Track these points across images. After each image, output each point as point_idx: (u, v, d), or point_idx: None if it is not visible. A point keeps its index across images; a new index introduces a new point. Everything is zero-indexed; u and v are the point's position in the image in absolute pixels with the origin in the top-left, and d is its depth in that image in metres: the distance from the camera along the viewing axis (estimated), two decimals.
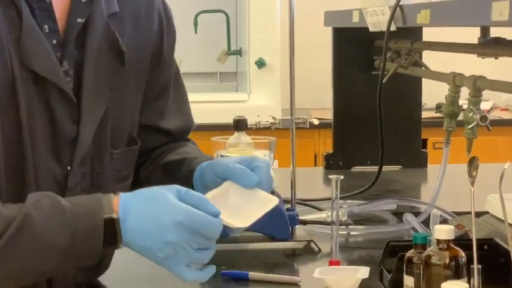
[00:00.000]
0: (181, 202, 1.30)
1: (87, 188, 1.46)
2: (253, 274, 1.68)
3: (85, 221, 1.28)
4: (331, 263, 1.72)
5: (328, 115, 3.07)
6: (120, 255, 1.54)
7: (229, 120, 2.04)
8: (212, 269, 1.35)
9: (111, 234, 1.29)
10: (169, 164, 1.59)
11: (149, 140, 1.63)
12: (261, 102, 4.29)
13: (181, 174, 1.54)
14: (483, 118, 1.91)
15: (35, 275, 1.32)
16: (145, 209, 1.30)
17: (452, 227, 1.35)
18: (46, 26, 1.40)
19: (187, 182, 1.49)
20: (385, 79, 2.47)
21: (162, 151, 1.64)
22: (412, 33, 2.60)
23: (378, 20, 2.29)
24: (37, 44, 1.38)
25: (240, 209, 1.37)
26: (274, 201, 1.39)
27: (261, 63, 4.30)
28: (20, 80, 1.37)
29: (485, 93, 1.99)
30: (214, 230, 1.30)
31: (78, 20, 1.43)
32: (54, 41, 1.42)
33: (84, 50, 1.44)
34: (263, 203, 1.38)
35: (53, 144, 1.42)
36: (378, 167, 2.51)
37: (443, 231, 1.34)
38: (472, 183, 1.30)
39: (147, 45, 1.56)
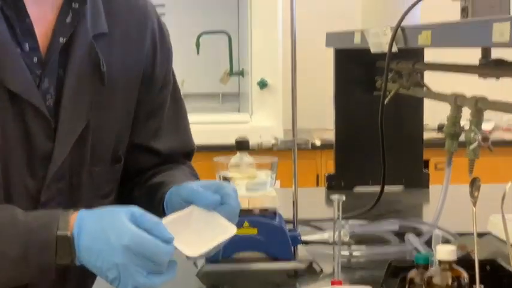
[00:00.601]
0: (132, 225, 1.28)
1: (64, 203, 1.45)
2: None
3: (38, 235, 1.29)
4: (333, 284, 1.71)
5: (330, 136, 3.07)
6: None
7: (231, 140, 2.04)
8: None
9: (64, 250, 1.29)
10: (152, 186, 1.58)
11: (141, 160, 1.63)
12: (263, 123, 4.29)
13: (157, 196, 1.52)
14: (485, 139, 1.91)
15: None
16: (97, 228, 1.29)
17: (454, 247, 1.35)
18: (27, 44, 1.42)
19: (159, 206, 1.49)
20: (386, 100, 2.47)
21: (154, 172, 1.62)
22: (413, 54, 2.60)
23: (379, 41, 2.30)
24: (12, 62, 1.39)
25: (199, 234, 1.36)
26: (232, 230, 1.37)
27: (263, 84, 4.30)
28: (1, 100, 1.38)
29: (487, 114, 1.99)
30: (161, 255, 1.28)
31: (60, 39, 1.45)
32: (35, 59, 1.43)
33: (66, 69, 1.46)
34: (221, 231, 1.36)
35: (27, 159, 1.43)
36: (379, 187, 2.51)
37: (445, 252, 1.34)
38: (474, 204, 1.30)
39: (137, 65, 1.56)
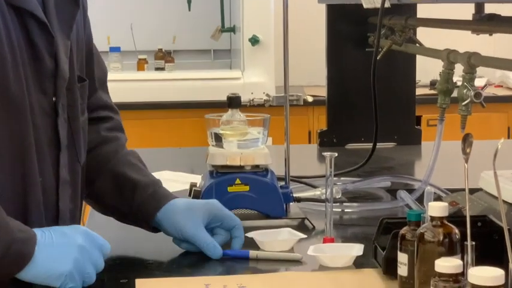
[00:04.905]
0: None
1: (66, 120, 1.55)
2: (253, 252, 1.68)
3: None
4: (325, 241, 1.72)
5: (322, 92, 3.07)
6: None
7: (223, 97, 2.03)
8: None
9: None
10: (120, 179, 1.71)
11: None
12: (255, 79, 4.28)
13: (135, 200, 1.69)
14: (477, 95, 1.91)
15: None
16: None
17: (446, 204, 1.35)
18: None
19: (141, 211, 1.68)
20: (379, 56, 2.47)
21: (106, 152, 1.73)
22: (406, 10, 2.59)
23: None
24: None
25: None
26: None
27: (254, 41, 4.28)
28: (9, 19, 1.43)
29: (480, 70, 1.98)
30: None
31: None
32: None
33: None
34: None
35: (38, 78, 1.48)
36: (372, 144, 2.51)
37: (437, 208, 1.34)
38: (466, 160, 1.30)
39: None
